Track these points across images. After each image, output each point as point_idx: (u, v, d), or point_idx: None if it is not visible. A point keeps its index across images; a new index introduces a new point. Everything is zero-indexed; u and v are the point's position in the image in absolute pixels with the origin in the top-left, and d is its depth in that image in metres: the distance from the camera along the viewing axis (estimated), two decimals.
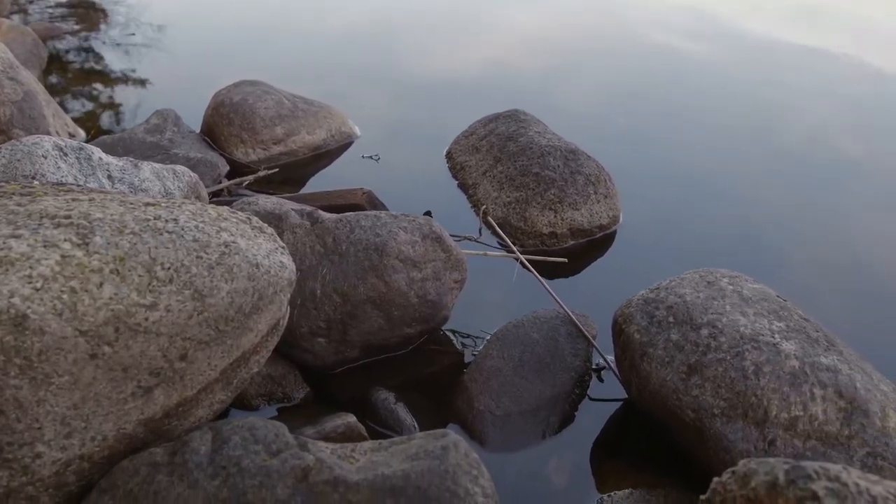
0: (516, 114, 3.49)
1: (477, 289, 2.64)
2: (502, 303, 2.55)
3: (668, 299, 2.07)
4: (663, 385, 1.94)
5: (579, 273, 2.90)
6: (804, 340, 1.95)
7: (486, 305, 2.59)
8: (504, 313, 2.46)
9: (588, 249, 3.04)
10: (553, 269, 2.86)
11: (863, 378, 1.92)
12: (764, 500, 1.19)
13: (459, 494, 1.43)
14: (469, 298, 2.56)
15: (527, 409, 2.17)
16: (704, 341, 1.94)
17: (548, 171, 3.05)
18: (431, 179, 3.48)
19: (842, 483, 1.16)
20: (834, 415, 1.85)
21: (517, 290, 2.66)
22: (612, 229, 3.15)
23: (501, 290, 2.70)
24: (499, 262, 2.79)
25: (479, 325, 2.50)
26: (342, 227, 2.28)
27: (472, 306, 2.58)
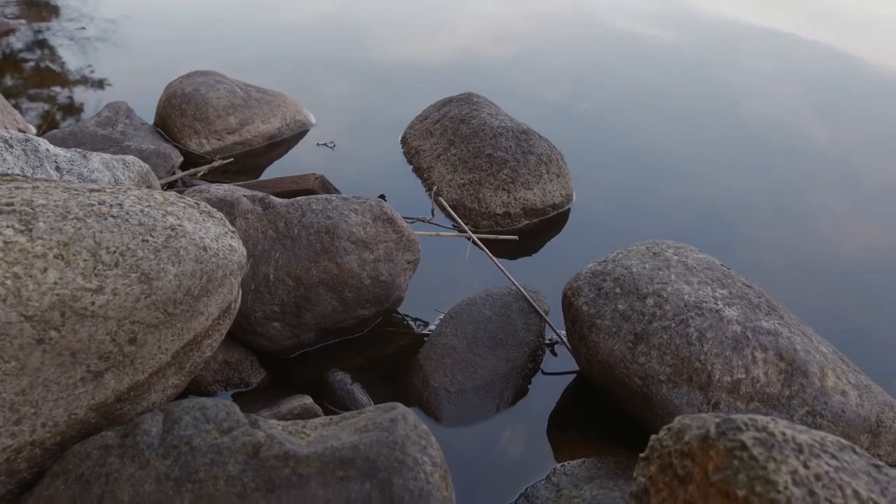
0: (469, 97, 3.51)
1: (431, 269, 2.67)
2: (456, 282, 2.59)
3: (615, 271, 2.11)
4: (611, 354, 1.99)
5: (533, 251, 2.95)
6: (746, 306, 2.01)
7: (440, 285, 2.62)
8: (458, 292, 2.49)
9: (542, 228, 3.08)
10: (506, 248, 2.90)
11: (803, 340, 1.98)
12: (697, 453, 1.23)
13: (408, 464, 1.46)
14: (423, 279, 2.59)
15: (481, 384, 2.21)
16: (650, 310, 1.99)
17: (500, 152, 3.08)
18: (387, 164, 3.50)
19: (769, 433, 1.21)
20: (775, 376, 1.91)
21: (470, 270, 2.70)
22: (566, 208, 3.19)
23: (455, 269, 2.73)
24: (452, 242, 2.82)
25: (434, 305, 2.53)
26: (294, 211, 2.29)
27: (426, 287, 2.61)
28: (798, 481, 1.16)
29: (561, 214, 3.17)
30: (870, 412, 1.97)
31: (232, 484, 1.43)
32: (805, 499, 1.15)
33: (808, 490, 1.16)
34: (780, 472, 1.16)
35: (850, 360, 2.15)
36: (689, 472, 1.24)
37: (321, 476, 1.44)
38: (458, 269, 2.73)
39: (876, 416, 1.98)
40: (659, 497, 1.28)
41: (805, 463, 1.18)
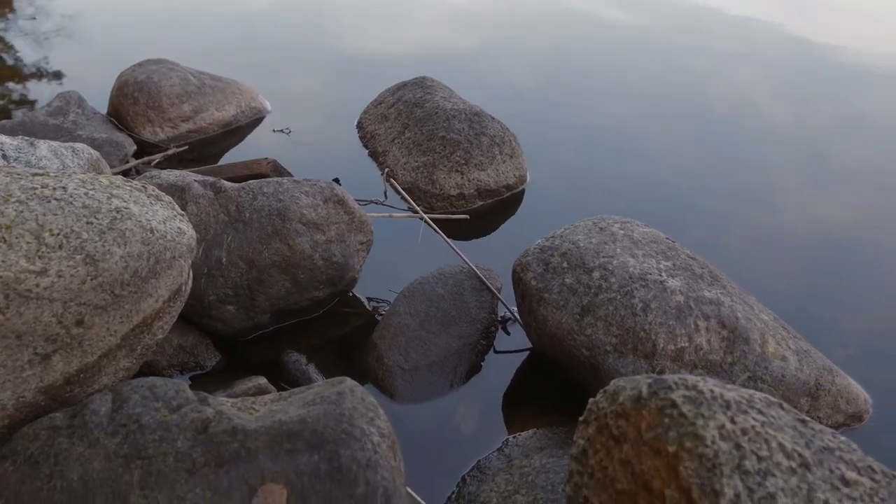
0: (423, 80, 3.53)
1: (385, 251, 2.69)
2: (410, 262, 2.61)
3: (563, 246, 2.15)
4: (559, 327, 2.03)
5: (487, 231, 2.98)
6: (689, 277, 2.06)
7: (394, 266, 2.65)
8: (412, 272, 2.51)
9: (496, 209, 3.12)
10: (460, 229, 2.93)
11: (744, 309, 2.04)
12: (630, 413, 1.28)
13: (355, 435, 1.49)
14: (378, 260, 2.61)
15: (434, 361, 2.24)
16: (596, 283, 2.03)
17: (453, 134, 3.11)
18: (342, 149, 3.51)
19: (698, 391, 1.26)
20: (717, 344, 1.96)
21: (424, 250, 2.73)
22: (520, 188, 3.23)
23: (409, 250, 2.76)
24: (406, 224, 2.85)
25: (389, 285, 2.55)
26: (245, 194, 2.31)
27: (381, 268, 2.63)
28: (725, 436, 1.20)
29: (515, 195, 3.20)
30: (809, 376, 2.04)
31: (181, 459, 1.45)
32: (731, 452, 1.19)
33: (735, 444, 1.20)
34: (708, 427, 1.21)
35: (791, 327, 2.21)
36: (623, 432, 1.28)
37: (269, 449, 1.46)
38: (412, 249, 2.75)
39: (815, 379, 2.05)
40: (597, 457, 1.32)
41: (732, 418, 1.23)
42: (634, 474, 1.25)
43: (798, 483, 1.20)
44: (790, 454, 1.23)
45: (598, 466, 1.32)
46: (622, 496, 1.27)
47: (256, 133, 3.69)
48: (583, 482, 1.35)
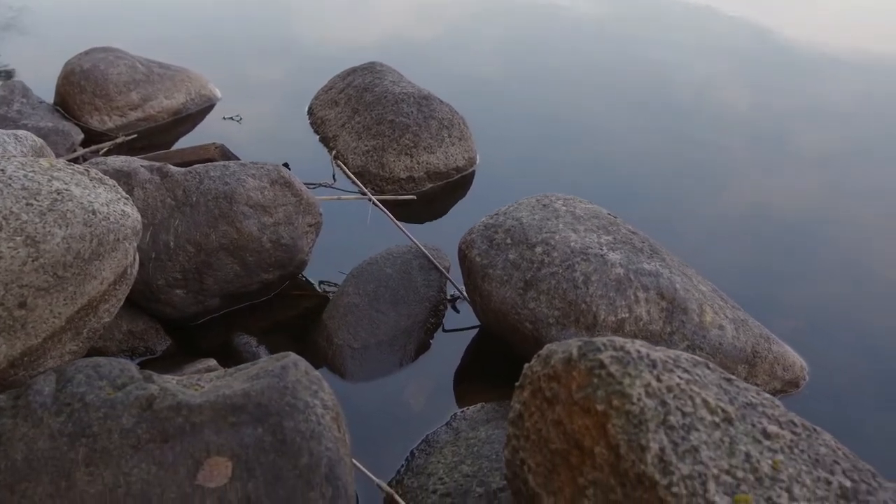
0: (373, 66, 3.55)
1: (335, 233, 2.71)
2: (360, 244, 2.63)
3: (506, 223, 2.19)
4: (503, 302, 2.07)
5: (436, 213, 3.02)
6: (629, 250, 2.11)
7: (344, 248, 2.67)
8: (362, 254, 2.53)
9: (446, 191, 3.16)
10: (410, 211, 2.96)
11: (683, 280, 2.10)
12: (562, 375, 1.32)
13: (299, 407, 1.52)
14: (328, 243, 2.63)
15: (384, 339, 2.27)
16: (539, 258, 2.07)
17: (402, 117, 3.14)
18: (294, 135, 3.52)
19: (625, 351, 1.30)
20: (657, 314, 2.02)
21: (373, 231, 2.75)
22: (470, 170, 3.27)
23: (358, 232, 2.79)
24: (355, 206, 2.87)
25: (339, 267, 2.57)
26: (191, 178, 2.31)
27: (331, 250, 2.65)
28: (651, 393, 1.25)
29: (465, 177, 3.24)
30: (746, 344, 2.10)
31: (126, 436, 1.47)
32: (657, 409, 1.24)
33: (661, 401, 1.25)
34: (635, 385, 1.26)
35: (730, 298, 2.27)
36: (555, 394, 1.32)
37: (214, 423, 1.48)
38: (361, 231, 2.78)
39: (752, 347, 2.11)
40: (532, 420, 1.37)
41: (658, 377, 1.28)
42: (566, 434, 1.30)
43: (721, 436, 1.26)
44: (714, 410, 1.29)
45: (532, 429, 1.36)
46: (556, 456, 1.32)
47: (207, 121, 3.68)
48: (519, 445, 1.39)
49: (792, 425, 1.36)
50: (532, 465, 1.36)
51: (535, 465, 1.35)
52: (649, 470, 1.20)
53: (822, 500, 1.26)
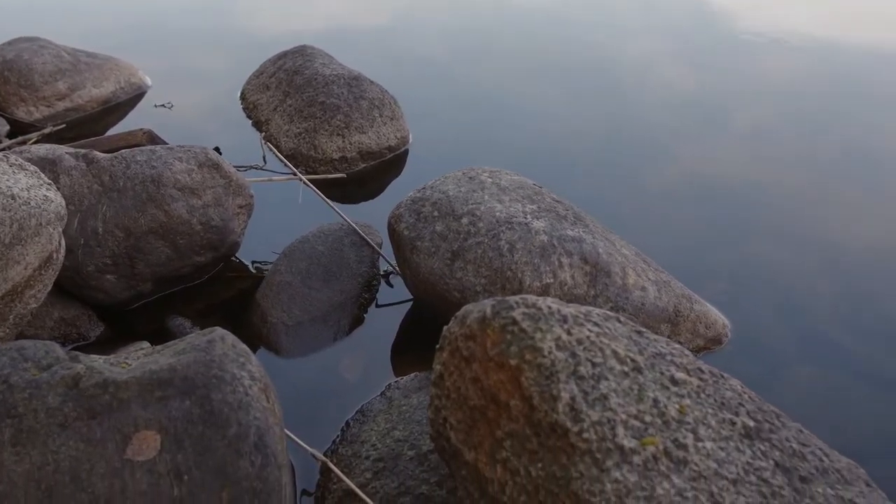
0: (303, 49, 3.56)
1: (268, 214, 2.73)
2: (293, 225, 2.64)
3: (433, 196, 2.23)
4: (431, 273, 2.11)
5: (370, 191, 3.05)
6: (553, 218, 2.17)
7: (278, 229, 2.68)
8: (295, 234, 2.55)
9: (379, 170, 3.18)
10: (344, 191, 2.99)
11: (606, 245, 2.16)
12: (477, 334, 1.36)
13: (226, 379, 1.54)
14: (261, 224, 2.65)
15: (317, 316, 2.30)
16: (465, 229, 2.12)
17: (332, 98, 3.15)
18: (226, 121, 3.52)
19: (537, 308, 1.35)
20: (581, 279, 2.08)
21: (305, 211, 2.77)
22: (403, 149, 3.30)
23: (290, 212, 2.80)
24: (287, 187, 2.88)
25: (273, 247, 2.59)
26: (118, 164, 2.31)
27: (264, 231, 2.67)
28: (561, 346, 1.31)
29: (398, 156, 3.27)
30: (668, 304, 2.18)
31: (52, 415, 1.47)
32: (567, 360, 1.29)
33: (571, 353, 1.31)
34: (546, 339, 1.31)
35: (654, 261, 2.34)
36: (472, 352, 1.37)
37: (141, 398, 1.50)
38: (294, 211, 2.79)
39: (674, 306, 2.19)
40: (451, 379, 1.41)
41: (568, 330, 1.33)
42: (484, 390, 1.34)
43: (630, 384, 1.31)
44: (623, 360, 1.34)
45: (453, 388, 1.40)
46: (475, 412, 1.36)
47: (138, 109, 3.66)
48: (441, 404, 1.43)
49: (699, 372, 1.43)
50: (453, 423, 1.40)
51: (456, 422, 1.40)
52: (561, 418, 1.25)
53: (727, 439, 1.33)
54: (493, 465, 1.33)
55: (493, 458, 1.33)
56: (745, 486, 1.28)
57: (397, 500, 1.68)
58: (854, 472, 1.46)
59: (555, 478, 1.25)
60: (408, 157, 3.30)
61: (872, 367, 2.35)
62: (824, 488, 1.35)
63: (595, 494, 1.20)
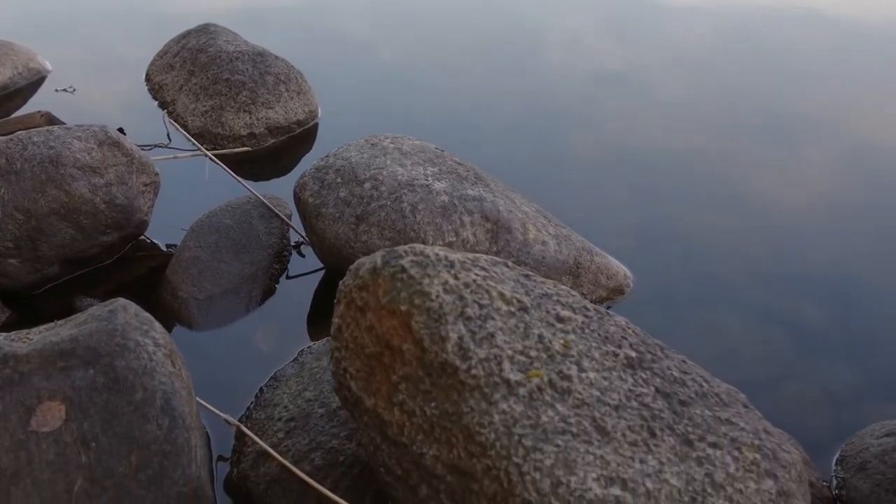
0: (207, 27, 3.53)
1: (176, 192, 2.73)
2: (201, 201, 2.63)
3: (336, 164, 2.27)
4: (337, 238, 2.16)
5: (280, 166, 3.06)
6: (454, 179, 2.23)
7: (186, 206, 2.67)
8: (204, 210, 2.56)
9: (289, 144, 3.20)
10: (254, 167, 3.01)
11: (506, 202, 2.23)
12: (369, 284, 1.41)
13: (130, 346, 1.56)
14: (169, 202, 2.65)
15: (228, 288, 2.32)
16: (368, 193, 2.16)
17: (238, 75, 3.15)
18: (131, 102, 3.48)
19: (424, 255, 1.41)
20: (483, 236, 2.15)
21: (214, 188, 2.77)
22: (312, 123, 3.32)
23: (198, 189, 2.80)
24: (194, 165, 2.88)
25: (183, 224, 2.58)
26: (14, 146, 2.28)
27: (173, 209, 2.66)
28: (448, 290, 1.37)
29: (307, 130, 3.29)
30: (568, 256, 2.26)
31: None
32: (454, 303, 1.35)
33: (458, 296, 1.37)
34: (433, 284, 1.36)
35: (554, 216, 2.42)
36: (366, 302, 1.42)
37: (43, 370, 1.51)
38: (202, 188, 2.80)
39: (574, 259, 2.28)
40: (348, 331, 1.46)
41: (455, 275, 1.39)
42: (378, 337, 1.40)
43: (516, 323, 1.38)
44: (509, 300, 1.41)
45: (350, 338, 1.45)
46: (371, 359, 1.42)
47: (39, 94, 3.60)
48: (341, 356, 1.48)
49: (585, 310, 1.50)
50: (353, 372, 1.45)
51: (355, 371, 1.45)
52: (450, 357, 1.31)
53: (610, 369, 1.41)
54: (391, 408, 1.38)
55: (390, 401, 1.39)
56: (627, 410, 1.36)
57: (308, 456, 1.72)
58: (733, 395, 1.56)
59: (447, 414, 1.31)
60: (317, 131, 3.32)
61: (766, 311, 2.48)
62: (702, 410, 1.44)
63: (485, 426, 1.27)
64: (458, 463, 1.30)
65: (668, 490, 1.29)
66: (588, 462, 1.26)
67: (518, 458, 1.24)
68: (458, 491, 1.31)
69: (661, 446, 1.34)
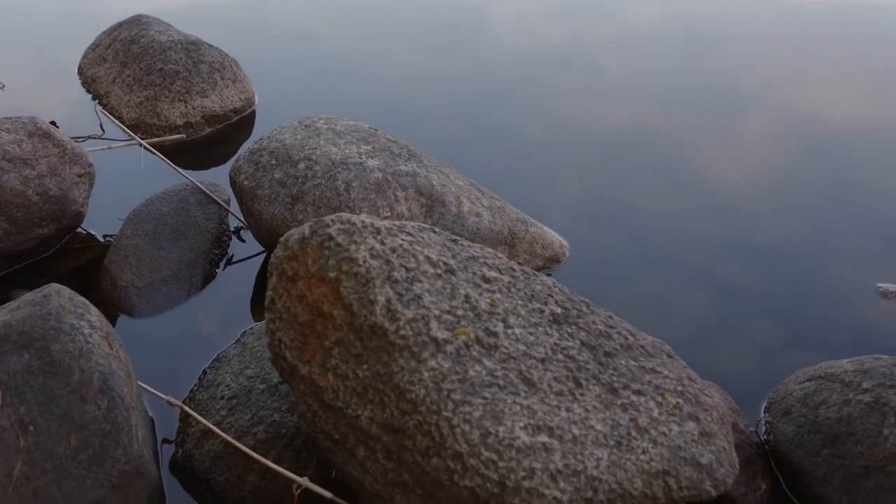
0: (138, 18, 3.50)
1: (112, 183, 2.72)
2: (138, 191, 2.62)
3: (270, 146, 2.29)
4: (273, 218, 2.18)
5: (218, 155, 3.06)
6: (387, 156, 2.26)
7: (123, 196, 2.66)
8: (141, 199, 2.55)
9: (227, 133, 3.20)
10: (192, 156, 3.01)
11: (439, 177, 2.27)
12: (299, 254, 1.44)
13: (64, 329, 1.57)
14: (106, 193, 2.64)
15: (168, 275, 2.33)
16: (302, 173, 2.19)
17: (171, 65, 3.14)
18: (64, 97, 3.45)
19: (351, 223, 1.44)
20: (417, 210, 2.18)
21: (151, 177, 2.77)
22: (249, 111, 3.32)
23: (135, 179, 2.80)
24: (130, 156, 2.87)
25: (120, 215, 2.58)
26: None
27: (110, 200, 2.65)
28: (375, 255, 1.40)
29: (245, 118, 3.30)
30: (502, 227, 2.31)
31: None
32: (381, 267, 1.39)
33: (385, 260, 1.40)
34: (360, 250, 1.40)
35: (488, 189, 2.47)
36: (296, 272, 1.45)
37: None
38: (138, 178, 2.79)
39: (509, 229, 2.32)
40: (281, 301, 1.49)
41: (381, 241, 1.43)
42: (309, 305, 1.43)
43: (443, 285, 1.43)
44: (436, 263, 1.45)
45: (283, 309, 1.48)
46: (304, 327, 1.45)
47: None
48: (276, 327, 1.51)
49: (511, 271, 1.55)
50: (287, 342, 1.48)
51: (289, 341, 1.48)
52: (379, 320, 1.35)
53: (536, 325, 1.46)
54: (325, 374, 1.42)
55: (324, 367, 1.42)
56: (553, 363, 1.41)
57: (251, 431, 1.75)
58: (658, 347, 1.62)
59: (379, 375, 1.35)
60: (255, 119, 3.32)
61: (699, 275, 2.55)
62: (627, 360, 1.50)
63: (415, 384, 1.31)
64: (391, 421, 1.34)
65: (594, 435, 1.35)
66: (515, 412, 1.31)
67: (448, 411, 1.28)
68: (393, 449, 1.36)
69: (586, 395, 1.40)
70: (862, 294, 2.51)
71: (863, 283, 2.54)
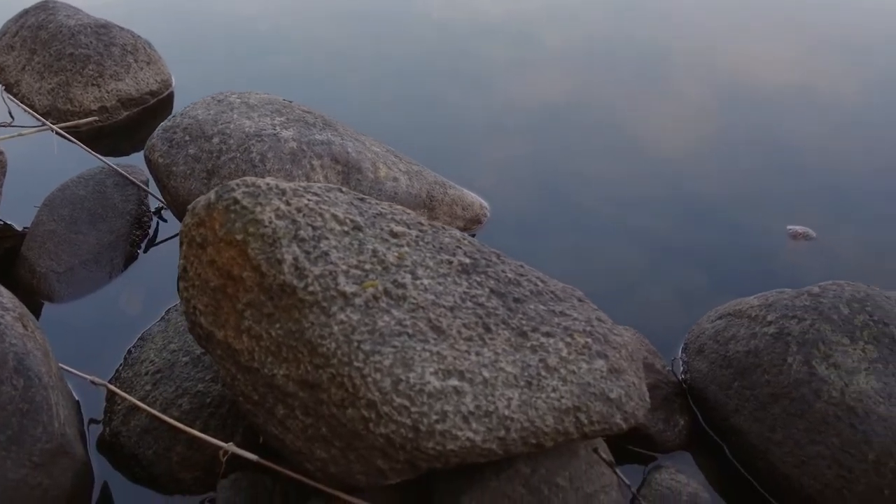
0: (45, 4, 3.42)
1: (26, 172, 2.67)
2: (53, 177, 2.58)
3: (184, 122, 2.28)
4: (190, 194, 2.17)
5: (136, 139, 3.02)
6: (301, 126, 2.27)
7: (37, 183, 2.61)
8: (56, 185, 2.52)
9: (145, 116, 3.17)
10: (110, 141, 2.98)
11: (355, 144, 2.29)
12: (206, 220, 1.46)
13: None
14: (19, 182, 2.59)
15: (88, 259, 2.31)
16: (217, 147, 2.18)
17: (81, 49, 3.09)
18: None
19: (256, 186, 1.46)
20: (334, 178, 2.20)
21: (65, 163, 2.72)
22: (166, 93, 3.29)
23: (49, 165, 2.75)
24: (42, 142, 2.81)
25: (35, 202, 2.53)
26: None
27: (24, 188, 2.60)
28: (281, 215, 1.42)
29: (162, 100, 3.26)
30: (420, 190, 2.34)
31: None
32: (287, 227, 1.41)
33: (291, 220, 1.42)
34: (265, 211, 1.42)
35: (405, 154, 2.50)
36: (205, 238, 1.46)
37: None
38: (53, 164, 2.74)
39: (427, 192, 2.36)
40: (193, 269, 1.50)
41: (287, 201, 1.45)
42: (220, 269, 1.44)
43: (350, 241, 1.45)
44: (343, 221, 1.48)
45: (195, 276, 1.49)
46: (217, 292, 1.46)
47: None
48: (189, 294, 1.52)
49: (419, 225, 1.58)
50: (201, 308, 1.49)
51: (203, 308, 1.49)
52: (287, 278, 1.37)
53: (444, 276, 1.50)
54: (239, 336, 1.44)
55: (238, 330, 1.44)
56: (462, 311, 1.45)
57: (176, 402, 1.76)
58: (569, 292, 1.67)
59: (291, 333, 1.37)
60: (173, 101, 3.29)
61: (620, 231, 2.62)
62: (536, 305, 1.55)
63: (325, 338, 1.34)
64: (306, 377, 1.37)
65: (505, 377, 1.39)
66: (425, 359, 1.34)
67: (359, 362, 1.31)
68: (310, 404, 1.38)
69: (496, 339, 1.44)
70: (773, 237, 2.60)
71: (774, 227, 2.63)
